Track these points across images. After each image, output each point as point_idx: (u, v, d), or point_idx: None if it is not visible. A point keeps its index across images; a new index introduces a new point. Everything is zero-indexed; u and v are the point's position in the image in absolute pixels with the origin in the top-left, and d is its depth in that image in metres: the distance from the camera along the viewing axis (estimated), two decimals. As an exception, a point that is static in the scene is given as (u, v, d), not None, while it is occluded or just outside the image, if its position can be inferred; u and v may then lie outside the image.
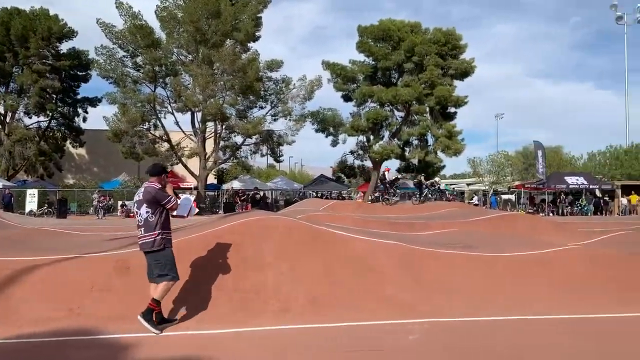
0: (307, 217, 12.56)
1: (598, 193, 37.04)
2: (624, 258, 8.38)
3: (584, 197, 37.34)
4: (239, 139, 36.17)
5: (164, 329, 5.40)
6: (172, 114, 33.97)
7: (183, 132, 34.91)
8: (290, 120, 35.70)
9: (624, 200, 36.88)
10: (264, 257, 6.81)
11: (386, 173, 28.25)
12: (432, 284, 6.94)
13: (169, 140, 33.94)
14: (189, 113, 33.54)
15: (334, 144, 40.38)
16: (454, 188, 47.15)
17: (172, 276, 5.51)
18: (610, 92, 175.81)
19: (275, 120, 36.38)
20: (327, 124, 38.97)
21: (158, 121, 33.95)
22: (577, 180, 37.34)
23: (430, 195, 26.33)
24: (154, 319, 5.44)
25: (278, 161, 42.50)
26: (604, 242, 13.53)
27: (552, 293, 7.10)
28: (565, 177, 37.91)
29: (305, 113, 36.74)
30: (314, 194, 46.47)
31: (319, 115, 38.59)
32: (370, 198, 37.85)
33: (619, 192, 37.82)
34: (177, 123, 34.52)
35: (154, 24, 32.35)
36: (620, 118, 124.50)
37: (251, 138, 35.40)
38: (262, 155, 40.33)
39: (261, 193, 39.04)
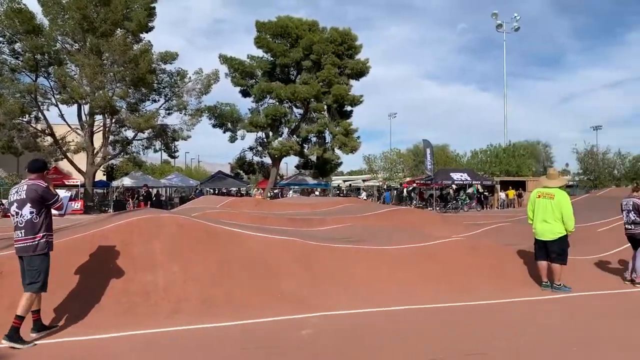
0: (202, 214, 12.26)
1: (480, 188, 39.84)
2: (501, 248, 9.09)
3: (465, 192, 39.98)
4: (130, 134, 34.37)
5: (42, 337, 5.00)
6: (57, 106, 31.49)
7: (68, 125, 32.50)
8: (185, 114, 34.56)
9: (502, 195, 40.14)
10: (155, 257, 6.53)
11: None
12: (326, 278, 7.07)
13: (52, 134, 31.45)
14: (75, 105, 31.34)
15: (232, 139, 39.86)
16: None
17: (41, 285, 5.04)
18: (492, 94, 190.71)
19: (169, 114, 35.03)
20: (224, 119, 38.35)
21: (40, 113, 31.33)
22: (462, 176, 39.93)
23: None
24: (34, 327, 5.03)
25: (173, 157, 41.15)
26: (484, 233, 14.62)
27: (437, 283, 7.53)
28: (451, 174, 40.39)
29: (201, 107, 35.77)
30: (211, 191, 45.56)
31: (217, 110, 37.88)
32: (269, 194, 37.87)
33: (498, 187, 41.04)
34: (61, 116, 32.07)
35: (36, 8, 29.79)
36: (499, 119, 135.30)
37: (143, 133, 33.79)
38: (156, 151, 38.81)
39: (153, 190, 37.52)
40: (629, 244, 8.63)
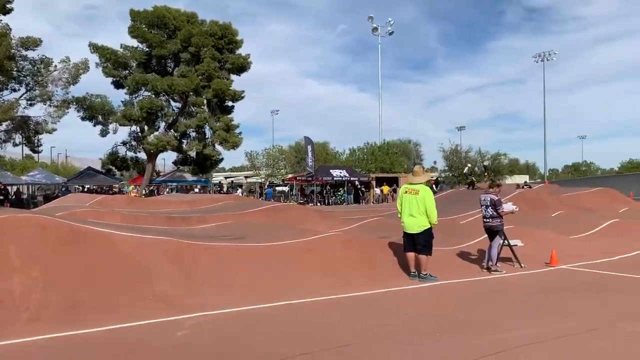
0: (69, 214, 11.40)
1: (357, 184, 41.49)
2: (374, 242, 9.52)
3: (344, 188, 41.42)
4: (-16, 125, 30.98)
5: None
6: None
7: None
8: (50, 105, 31.88)
9: (378, 190, 42.18)
10: (11, 261, 5.92)
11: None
12: (203, 277, 6.91)
13: None
14: None
15: (104, 133, 37.52)
16: None
17: None
18: (369, 95, 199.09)
19: (31, 105, 32.10)
20: (95, 111, 35.97)
21: None
22: (341, 173, 41.30)
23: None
24: None
25: (35, 151, 37.78)
26: (359, 228, 15.22)
27: (316, 277, 7.70)
28: (331, 170, 41.61)
29: (69, 99, 33.20)
30: (80, 188, 42.46)
31: (86, 101, 35.39)
32: (144, 192, 36.18)
33: (373, 183, 43.03)
34: None
35: None
36: (376, 118, 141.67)
37: (1, 125, 30.59)
38: (15, 145, 35.31)
39: (12, 188, 34.11)
40: (487, 235, 9.47)
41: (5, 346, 4.77)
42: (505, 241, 9.36)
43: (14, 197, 34.13)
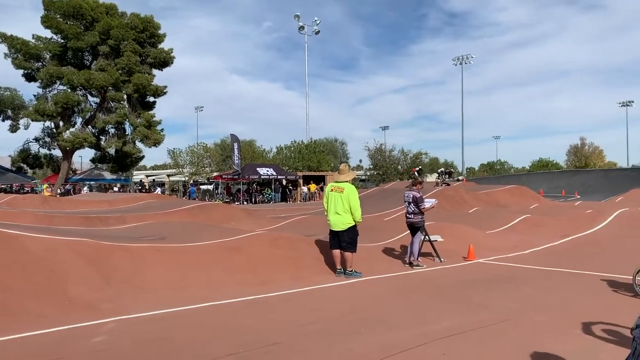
0: (-28, 215, 10.56)
1: (284, 183, 41.50)
2: (300, 240, 9.54)
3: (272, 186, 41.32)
4: None
5: None
6: None
7: None
8: (-51, 98, 29.41)
9: (305, 189, 42.40)
10: None
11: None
12: (122, 280, 6.62)
13: None
14: None
15: (14, 129, 35.14)
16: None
17: None
18: (296, 93, 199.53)
19: None
20: (4, 105, 33.68)
21: None
22: (268, 171, 41.12)
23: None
24: None
25: None
26: (286, 226, 15.22)
27: (242, 277, 7.60)
28: (258, 168, 41.33)
29: (-28, 91, 30.80)
30: (-13, 187, 39.53)
31: (-7, 95, 32.94)
32: (59, 191, 34.25)
33: (301, 181, 43.20)
34: None
35: None
36: (302, 116, 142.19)
37: None
38: None
39: None
40: (409, 231, 9.76)
41: None
42: (426, 237, 9.69)
43: None
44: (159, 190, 44.89)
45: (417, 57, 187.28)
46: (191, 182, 48.00)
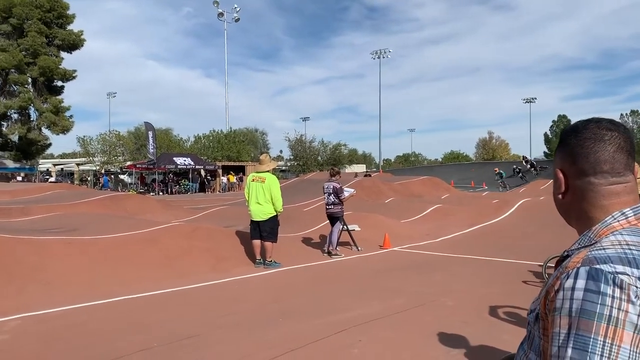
0: None
1: (203, 173, 40.62)
2: (219, 231, 9.41)
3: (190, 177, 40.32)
4: None
5: None
6: None
7: None
8: None
9: (224, 179, 41.75)
10: None
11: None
12: (26, 275, 6.21)
13: None
14: None
15: None
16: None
17: None
18: (216, 81, 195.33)
19: None
20: None
21: None
22: (185, 160, 40.03)
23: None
24: None
25: None
26: (205, 217, 14.95)
27: (157, 269, 7.38)
28: (175, 158, 40.11)
29: None
30: None
31: None
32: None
33: (220, 171, 42.47)
34: None
35: None
36: (222, 105, 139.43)
37: None
38: None
39: None
40: (328, 221, 9.91)
41: None
42: (345, 226, 9.89)
43: None
44: (52, 179, 42.41)
45: (338, 49, 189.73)
46: (103, 171, 45.77)
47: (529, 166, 39.95)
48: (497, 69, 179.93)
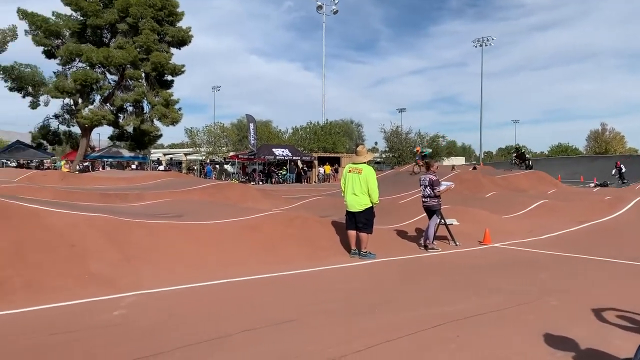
0: (-6, 189, 10.76)
1: (300, 164, 41.52)
2: (316, 220, 9.58)
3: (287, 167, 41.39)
4: None
5: None
6: None
7: None
8: (-27, 74, 29.75)
9: (321, 170, 42.41)
10: None
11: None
12: (140, 256, 6.73)
13: None
14: None
15: (34, 105, 35.46)
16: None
17: None
18: (314, 73, 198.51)
19: (-49, 72, 29.89)
20: (24, 82, 33.91)
21: None
22: (283, 152, 41.17)
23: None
24: None
25: (-43, 123, 35.18)
26: (302, 206, 15.28)
27: (257, 255, 7.68)
28: (274, 149, 41.39)
29: (-6, 67, 31.12)
30: (9, 162, 40.24)
31: (14, 71, 33.24)
32: (78, 168, 34.71)
33: (316, 162, 43.19)
34: None
35: None
36: (319, 97, 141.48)
37: None
38: None
39: None
40: (425, 214, 9.75)
41: None
42: (442, 220, 9.67)
43: None
44: (161, 167, 45.29)
45: (438, 38, 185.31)
46: (207, 161, 48.25)
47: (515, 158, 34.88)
48: (613, 55, 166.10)
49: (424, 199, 9.57)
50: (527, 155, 33.71)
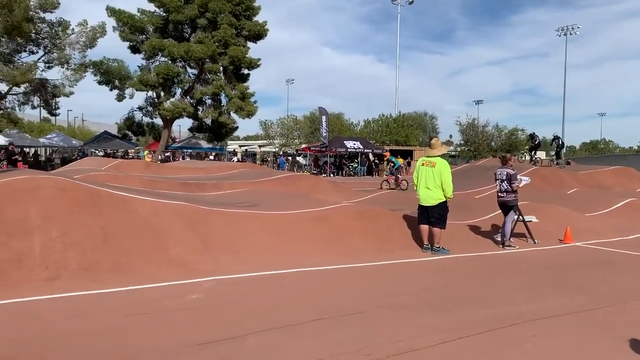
0: (86, 177, 11.53)
1: (371, 157, 41.31)
2: (387, 213, 9.52)
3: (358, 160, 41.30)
4: (3, 87, 31.17)
5: None
6: None
7: None
8: (67, 69, 31.87)
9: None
10: (30, 221, 6.04)
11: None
12: (217, 243, 6.99)
13: None
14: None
15: (120, 98, 37.51)
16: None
17: None
18: (387, 65, 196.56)
19: (49, 68, 32.14)
20: (112, 76, 35.91)
21: None
22: (355, 144, 41.12)
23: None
24: None
25: (53, 114, 37.99)
26: (372, 199, 15.23)
27: (328, 246, 7.76)
28: (345, 141, 41.43)
29: (86, 62, 33.18)
30: (97, 152, 42.90)
31: (103, 65, 35.29)
32: (160, 158, 36.43)
33: (388, 155, 42.74)
34: None
35: None
36: (392, 89, 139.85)
37: (19, 87, 30.83)
38: (34, 107, 35.58)
39: (31, 150, 34.54)
40: (500, 211, 9.42)
41: (25, 303, 4.91)
42: (520, 217, 9.32)
43: (32, 159, 34.62)
44: (235, 159, 46.46)
45: (518, 27, 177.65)
46: (281, 152, 49.11)
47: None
48: None
49: (499, 194, 9.25)
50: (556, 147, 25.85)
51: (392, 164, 22.28)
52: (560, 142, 25.93)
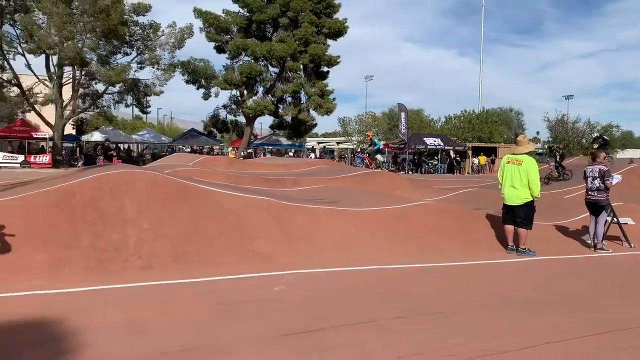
0: (174, 172, 12.15)
1: (452, 154, 40.33)
2: (469, 212, 9.28)
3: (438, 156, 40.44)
4: (100, 87, 33.53)
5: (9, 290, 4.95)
6: (23, 55, 30.30)
7: (36, 76, 31.36)
8: (158, 69, 33.71)
9: (475, 161, 40.77)
10: (125, 213, 6.48)
11: None
12: (300, 237, 7.15)
13: (19, 85, 30.35)
14: (43, 56, 30.23)
15: (206, 97, 39.13)
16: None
17: None
18: (470, 60, 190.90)
19: (141, 68, 34.20)
20: (198, 75, 37.54)
21: (5, 62, 30.12)
22: (435, 141, 40.30)
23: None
24: None
25: (145, 112, 40.29)
26: (454, 198, 14.87)
27: (407, 244, 7.69)
28: (425, 138, 40.70)
29: (174, 62, 34.93)
30: (184, 148, 45.02)
31: (190, 65, 36.98)
32: (242, 154, 37.63)
33: (470, 153, 41.57)
34: (28, 66, 30.89)
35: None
36: (475, 85, 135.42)
37: (114, 86, 33.02)
38: (127, 106, 37.97)
39: (124, 146, 36.85)
40: (590, 212, 8.88)
41: (123, 289, 5.28)
42: (614, 218, 8.75)
43: (125, 154, 36.97)
44: (312, 155, 46.84)
45: (614, 16, 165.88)
46: (359, 149, 49.11)
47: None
48: None
49: (590, 193, 8.72)
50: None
51: (374, 145, 21.83)
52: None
